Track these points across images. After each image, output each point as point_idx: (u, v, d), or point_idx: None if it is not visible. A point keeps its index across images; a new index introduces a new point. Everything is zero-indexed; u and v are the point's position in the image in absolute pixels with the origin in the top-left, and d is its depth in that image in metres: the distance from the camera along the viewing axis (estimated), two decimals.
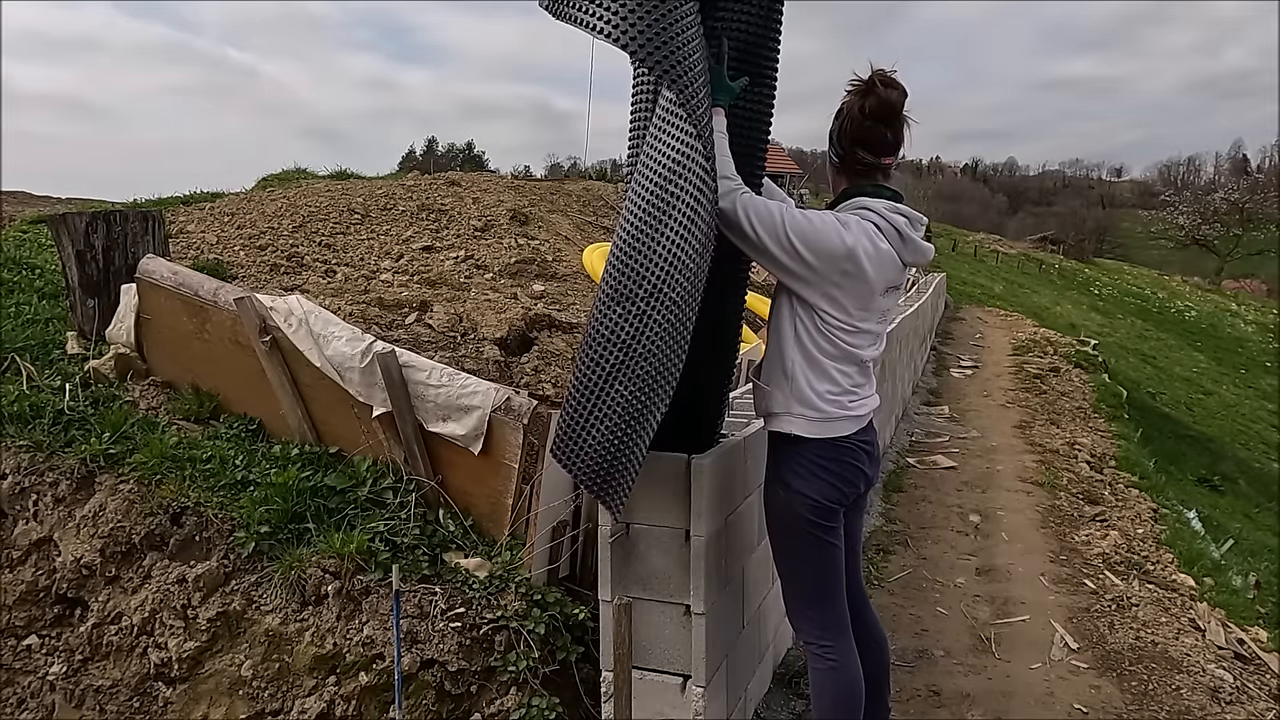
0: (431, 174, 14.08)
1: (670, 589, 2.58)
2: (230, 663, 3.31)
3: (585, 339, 2.17)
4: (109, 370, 4.38)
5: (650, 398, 2.13)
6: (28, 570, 3.74)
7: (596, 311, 2.15)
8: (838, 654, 2.36)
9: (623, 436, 2.14)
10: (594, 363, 2.13)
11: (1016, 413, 8.99)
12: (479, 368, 5.23)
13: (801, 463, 2.31)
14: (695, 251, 2.07)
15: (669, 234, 2.05)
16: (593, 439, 2.15)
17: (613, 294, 2.10)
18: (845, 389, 2.30)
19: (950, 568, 4.65)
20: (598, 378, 2.12)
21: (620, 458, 2.16)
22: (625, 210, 2.15)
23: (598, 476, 2.18)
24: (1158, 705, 3.30)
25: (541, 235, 10.15)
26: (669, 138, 2.06)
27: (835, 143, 2.35)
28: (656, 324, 2.07)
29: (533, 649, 3.03)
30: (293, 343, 3.89)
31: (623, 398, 2.11)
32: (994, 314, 20.12)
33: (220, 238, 7.73)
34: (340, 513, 3.53)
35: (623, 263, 2.09)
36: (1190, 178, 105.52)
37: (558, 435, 2.25)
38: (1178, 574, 4.66)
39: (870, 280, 2.22)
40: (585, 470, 2.19)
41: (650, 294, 2.06)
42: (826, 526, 2.32)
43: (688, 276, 2.07)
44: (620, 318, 2.09)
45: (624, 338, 2.08)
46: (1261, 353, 32.29)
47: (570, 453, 2.20)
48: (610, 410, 2.12)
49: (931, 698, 3.33)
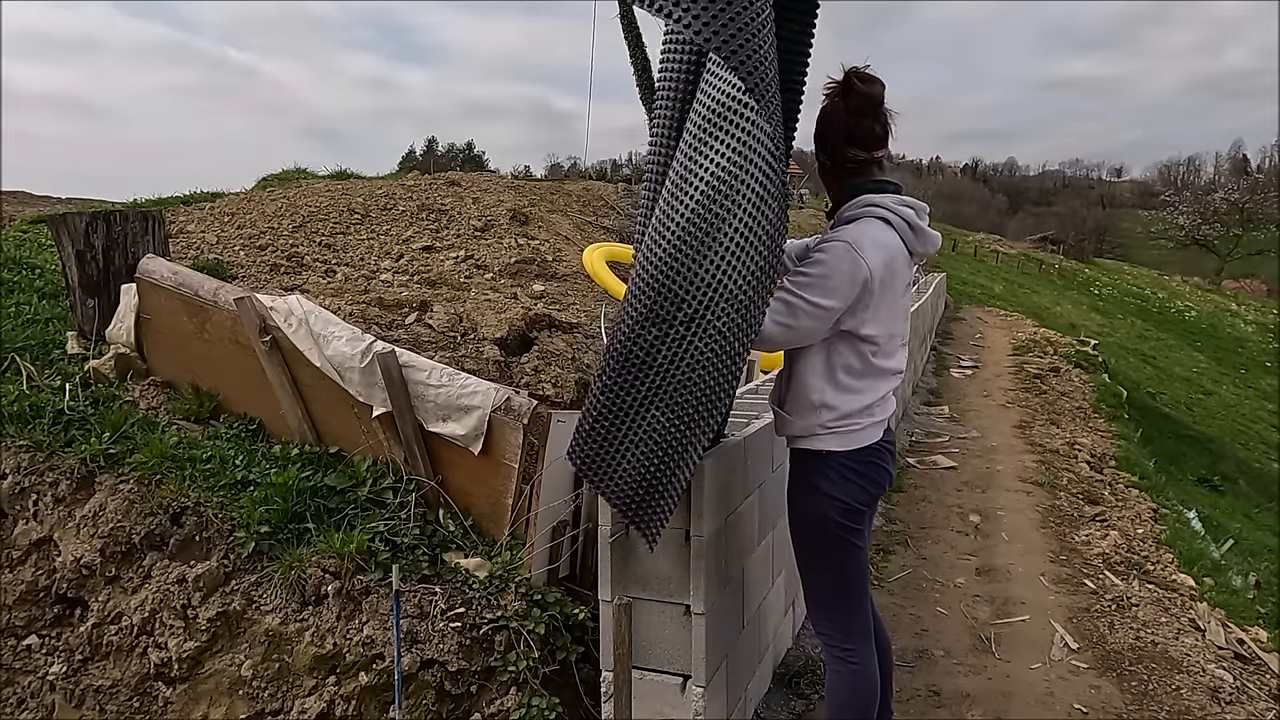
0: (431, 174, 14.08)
1: (670, 589, 2.58)
2: (230, 663, 3.31)
3: (615, 357, 2.04)
4: (109, 370, 4.38)
5: (691, 428, 2.03)
6: (28, 570, 3.74)
7: (629, 330, 2.00)
8: (859, 657, 2.36)
9: (661, 463, 2.06)
10: (628, 385, 2.02)
11: (1016, 413, 8.99)
12: (479, 368, 5.23)
13: (831, 468, 2.29)
14: (752, 273, 1.92)
15: (721, 251, 1.91)
16: (629, 463, 2.08)
17: (647, 315, 1.96)
18: (873, 401, 2.29)
19: (950, 568, 4.65)
20: (632, 400, 2.03)
21: (658, 485, 2.09)
22: (665, 216, 1.97)
23: (633, 503, 2.11)
24: (1158, 705, 3.30)
25: (541, 235, 10.14)
26: (734, 127, 1.89)
27: (822, 147, 2.32)
28: (698, 352, 1.96)
29: (533, 649, 3.03)
30: (293, 343, 3.89)
31: (660, 425, 2.02)
32: (994, 314, 20.11)
33: (220, 238, 7.72)
34: (340, 513, 3.53)
35: (659, 282, 1.94)
36: (1190, 178, 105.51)
37: (587, 452, 2.13)
38: (1178, 574, 4.66)
39: (896, 288, 2.24)
40: (620, 496, 2.12)
41: (690, 319, 1.94)
42: (854, 529, 2.33)
43: (738, 305, 1.93)
44: (657, 339, 1.96)
45: (661, 361, 1.98)
46: (1261, 353, 32.27)
47: (604, 475, 2.12)
48: (647, 436, 2.04)
49: (931, 698, 3.33)
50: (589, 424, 2.13)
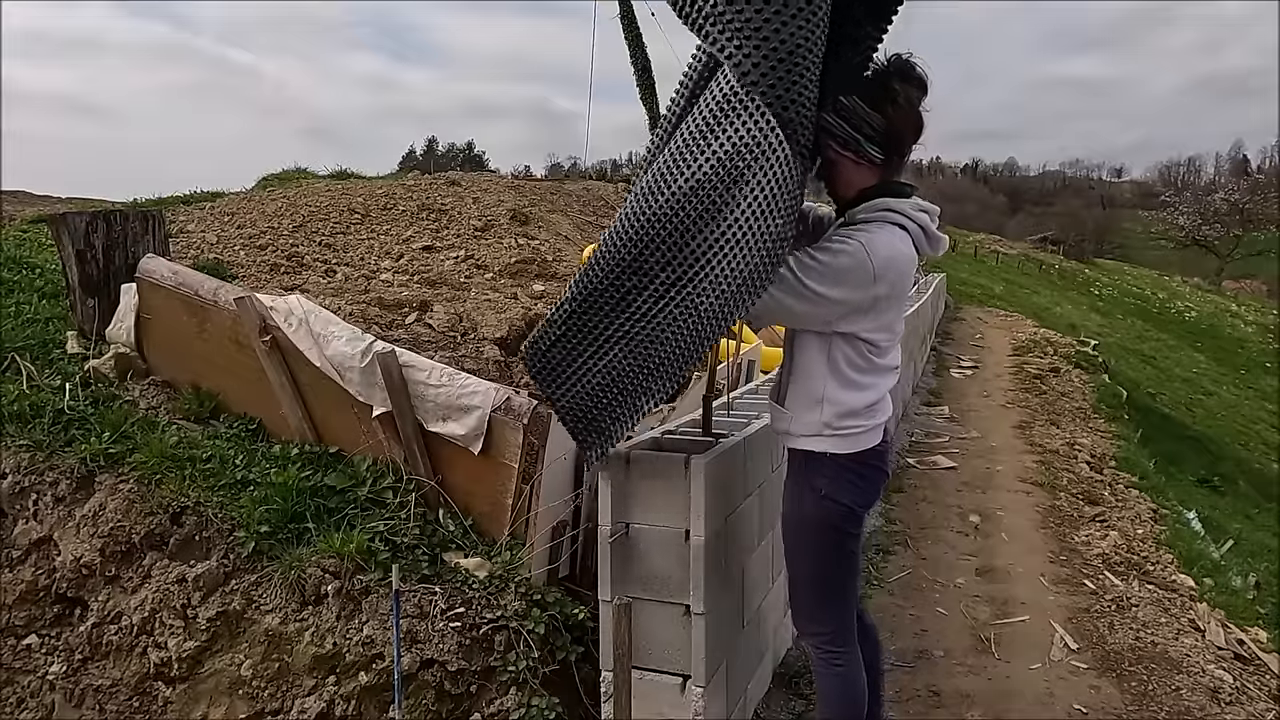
0: (431, 174, 14.08)
1: (670, 589, 2.58)
2: (230, 662, 3.31)
3: (588, 289, 2.02)
4: (109, 370, 4.38)
5: (649, 380, 2.05)
6: (27, 570, 3.74)
7: (607, 269, 1.97)
8: (846, 659, 2.37)
9: (613, 401, 2.10)
10: (595, 321, 2.03)
11: (1016, 413, 8.99)
12: (479, 367, 5.23)
13: (833, 470, 2.27)
14: (747, 267, 1.88)
15: (722, 231, 1.88)
16: (581, 388, 2.12)
17: (630, 263, 1.94)
18: (873, 401, 2.26)
19: (950, 568, 4.65)
20: (595, 336, 2.04)
21: (605, 416, 2.13)
22: (673, 169, 1.94)
23: (580, 424, 2.15)
24: (1157, 706, 3.30)
25: (541, 235, 10.14)
26: (745, 114, 1.88)
27: (845, 142, 2.11)
28: (672, 319, 1.95)
29: (532, 649, 3.03)
30: (293, 342, 3.89)
31: (618, 367, 2.04)
32: (994, 314, 20.10)
33: (220, 237, 7.73)
34: (340, 512, 3.53)
35: (651, 235, 1.92)
36: (1190, 178, 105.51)
37: (543, 365, 2.15)
38: (1177, 574, 4.66)
39: (903, 294, 2.22)
40: (568, 413, 2.16)
41: (672, 284, 1.93)
42: (852, 533, 2.32)
43: (724, 289, 1.90)
44: (633, 290, 1.95)
45: (633, 312, 1.98)
46: (1261, 353, 32.24)
47: (556, 390, 2.15)
48: (604, 372, 2.07)
49: (931, 698, 3.33)
50: (549, 340, 2.15)
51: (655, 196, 1.97)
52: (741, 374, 4.21)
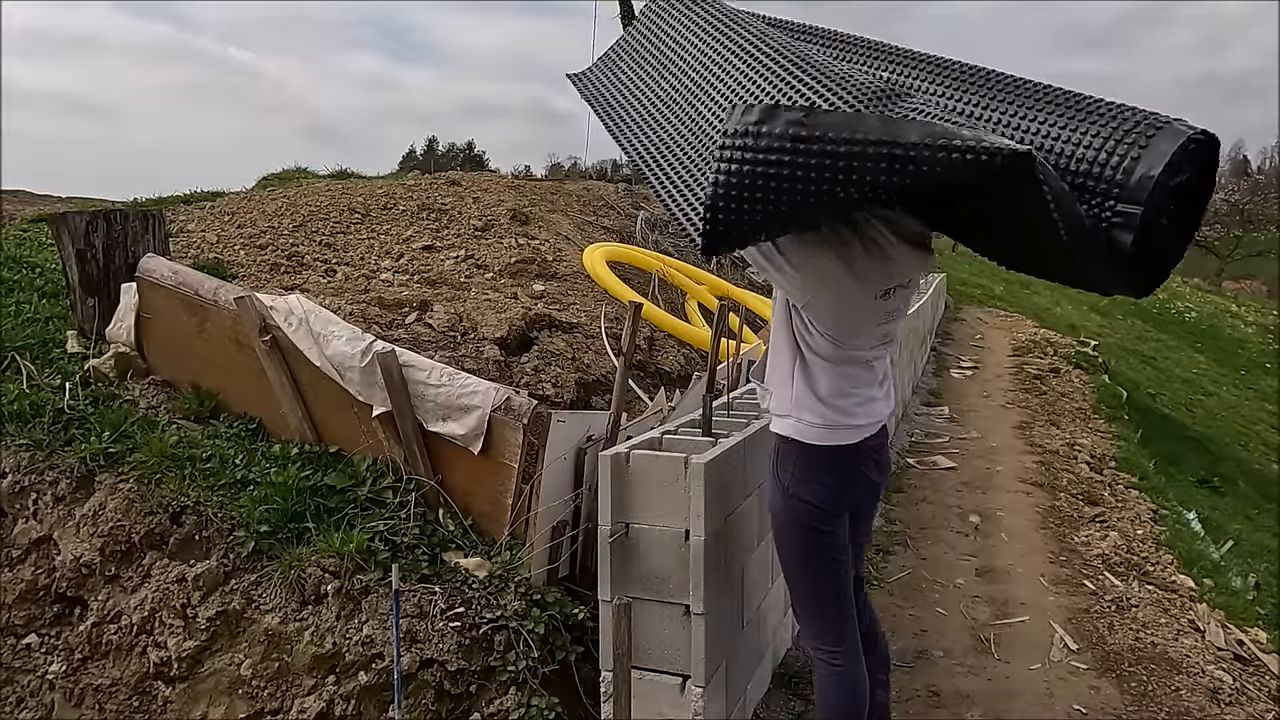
0: (432, 173, 14.07)
1: (670, 589, 2.58)
2: (230, 662, 3.31)
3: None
4: (109, 369, 4.38)
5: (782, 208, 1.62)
6: (27, 569, 3.74)
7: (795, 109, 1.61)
8: (842, 659, 2.35)
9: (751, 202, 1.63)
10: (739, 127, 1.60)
11: (1016, 413, 8.98)
12: (479, 367, 5.22)
13: (800, 465, 2.26)
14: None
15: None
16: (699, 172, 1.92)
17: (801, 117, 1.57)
18: (846, 392, 2.20)
19: (950, 568, 4.65)
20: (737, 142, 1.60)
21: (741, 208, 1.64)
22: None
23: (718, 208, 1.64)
24: (1157, 706, 3.30)
25: (542, 235, 10.14)
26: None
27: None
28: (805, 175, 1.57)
29: (532, 649, 3.03)
30: (293, 342, 3.89)
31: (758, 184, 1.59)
32: (994, 315, 20.08)
33: (220, 237, 7.72)
34: (340, 512, 3.53)
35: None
36: None
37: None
38: (1177, 575, 4.66)
39: (861, 284, 2.11)
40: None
41: (843, 152, 1.55)
42: (824, 532, 2.28)
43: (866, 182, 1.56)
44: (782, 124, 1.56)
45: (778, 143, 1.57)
46: (1262, 354, 32.20)
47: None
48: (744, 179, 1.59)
49: (931, 698, 3.33)
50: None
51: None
52: (741, 374, 4.22)
